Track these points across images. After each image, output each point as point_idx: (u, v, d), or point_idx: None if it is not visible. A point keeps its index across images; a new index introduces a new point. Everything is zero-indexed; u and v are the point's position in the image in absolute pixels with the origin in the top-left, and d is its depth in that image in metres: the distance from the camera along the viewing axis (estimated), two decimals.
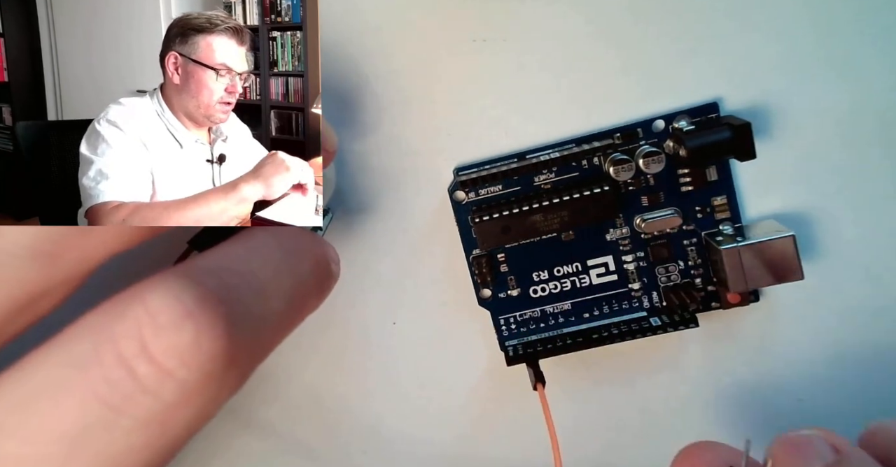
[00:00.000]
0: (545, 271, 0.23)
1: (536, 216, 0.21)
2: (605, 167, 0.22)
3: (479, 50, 0.22)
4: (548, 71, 0.22)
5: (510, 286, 0.23)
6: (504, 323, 0.23)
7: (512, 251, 0.23)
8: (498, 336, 0.23)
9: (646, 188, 0.22)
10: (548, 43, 0.22)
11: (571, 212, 0.21)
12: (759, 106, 0.22)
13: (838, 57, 0.22)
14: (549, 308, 0.23)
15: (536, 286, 0.23)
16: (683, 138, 0.21)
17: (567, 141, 0.22)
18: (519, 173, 0.22)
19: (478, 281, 0.23)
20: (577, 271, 0.23)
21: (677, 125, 0.22)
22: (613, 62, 0.22)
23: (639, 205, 0.22)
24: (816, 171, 0.23)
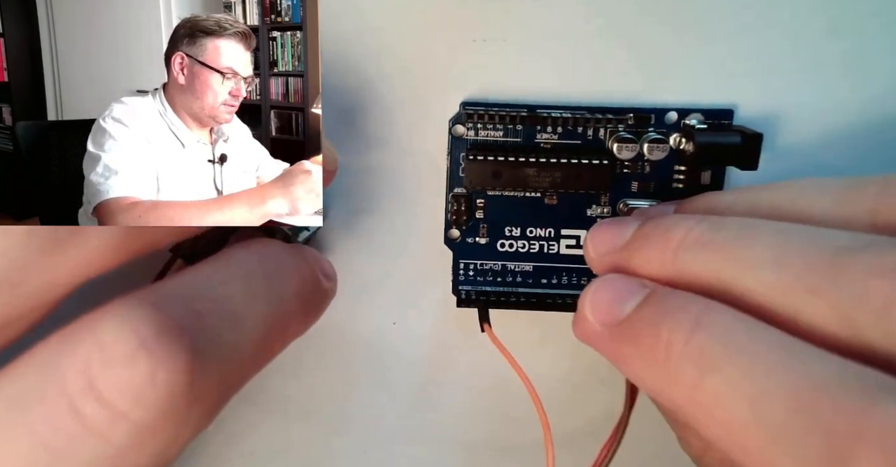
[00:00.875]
0: (518, 228, 0.23)
1: (530, 170, 0.21)
2: (608, 143, 0.22)
3: (478, 50, 0.22)
4: (548, 71, 0.22)
5: (480, 234, 0.23)
6: (464, 267, 0.23)
7: (493, 199, 0.22)
8: (454, 278, 0.23)
9: (640, 174, 0.22)
10: (548, 42, 0.22)
11: (565, 175, 0.21)
12: (772, 119, 0.23)
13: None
14: (511, 265, 0.23)
15: (506, 240, 0.23)
16: (694, 133, 0.21)
17: (581, 106, 0.22)
18: (524, 123, 0.22)
19: (451, 218, 0.22)
20: (549, 237, 0.23)
21: (689, 122, 0.22)
22: (616, 62, 0.22)
23: (628, 189, 0.22)
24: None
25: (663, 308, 0.16)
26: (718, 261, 0.16)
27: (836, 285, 0.14)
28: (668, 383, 0.15)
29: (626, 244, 0.19)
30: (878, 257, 0.14)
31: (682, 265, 0.17)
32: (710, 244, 0.16)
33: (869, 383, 0.13)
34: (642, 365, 0.16)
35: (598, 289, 0.18)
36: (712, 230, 0.17)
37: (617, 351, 0.17)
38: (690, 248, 0.17)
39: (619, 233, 0.19)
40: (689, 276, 0.17)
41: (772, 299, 0.15)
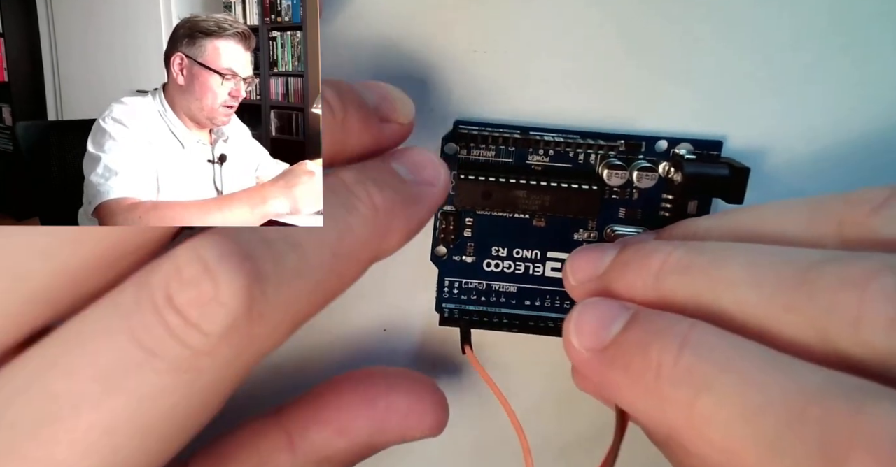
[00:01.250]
0: (505, 249, 0.23)
1: (520, 192, 0.21)
2: (598, 168, 0.22)
3: (480, 61, 0.22)
4: (549, 84, 0.22)
5: (467, 252, 0.23)
6: (448, 285, 0.23)
7: (482, 219, 0.23)
8: (437, 295, 0.23)
9: (628, 201, 0.22)
10: (550, 56, 0.22)
11: (554, 199, 0.21)
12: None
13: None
14: (496, 285, 0.23)
15: (492, 260, 0.23)
16: (683, 164, 0.21)
17: (573, 130, 0.22)
18: (517, 145, 0.22)
19: (439, 236, 0.23)
20: (535, 259, 0.23)
21: (678, 151, 0.22)
22: (612, 87, 0.22)
23: (616, 215, 0.23)
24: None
25: (650, 328, 0.16)
26: (698, 284, 0.16)
27: (809, 299, 0.15)
28: (662, 406, 0.15)
29: (605, 271, 0.19)
30: (845, 268, 0.14)
31: (664, 289, 0.17)
32: (690, 267, 0.17)
33: (853, 389, 0.13)
34: (633, 390, 0.16)
35: (582, 313, 0.18)
36: (691, 254, 0.17)
37: (607, 378, 0.17)
38: (671, 272, 0.17)
39: (597, 259, 0.19)
40: (671, 299, 0.17)
41: (751, 317, 0.15)
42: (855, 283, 0.14)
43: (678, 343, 0.15)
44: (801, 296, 0.15)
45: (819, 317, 0.14)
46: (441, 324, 0.23)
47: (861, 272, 0.14)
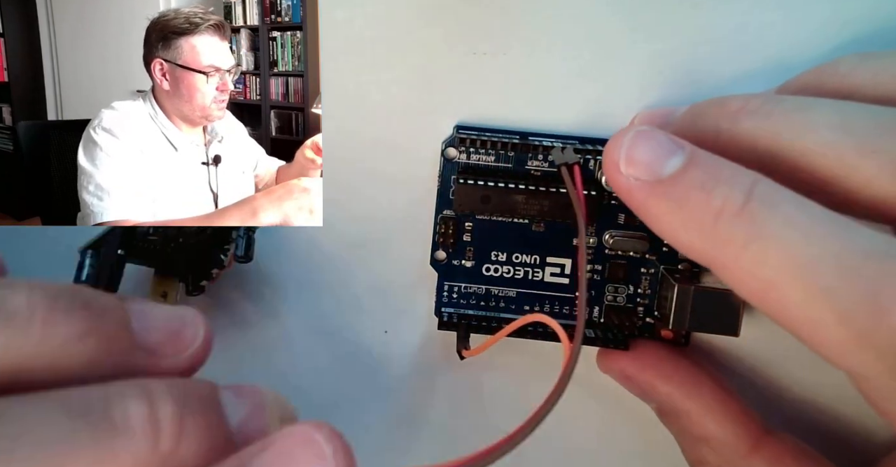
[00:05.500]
0: (504, 254, 0.23)
1: (519, 197, 0.21)
2: (597, 173, 0.22)
3: (479, 63, 0.22)
4: (548, 85, 0.22)
5: (466, 256, 0.23)
6: (447, 289, 0.23)
7: (481, 223, 0.23)
8: (437, 300, 0.23)
9: (627, 206, 0.23)
10: (548, 58, 0.22)
11: (553, 204, 0.21)
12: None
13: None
14: (494, 289, 0.23)
15: (491, 265, 0.23)
16: None
17: (573, 136, 0.22)
18: (516, 151, 0.22)
19: (438, 240, 0.23)
20: (535, 264, 0.23)
21: None
22: (615, 79, 0.22)
23: (614, 221, 0.22)
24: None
25: (714, 174, 0.16)
26: (780, 125, 0.17)
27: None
28: (711, 244, 0.16)
29: (677, 121, 0.19)
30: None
31: (740, 130, 0.17)
32: (772, 112, 0.17)
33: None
34: (681, 224, 0.16)
35: (636, 141, 0.17)
36: (772, 103, 0.17)
37: (651, 206, 0.17)
38: (752, 114, 0.17)
39: (666, 113, 0.19)
40: (746, 143, 0.17)
41: (828, 160, 0.16)
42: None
43: (745, 191, 0.15)
44: (890, 141, 0.15)
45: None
46: (440, 328, 0.23)
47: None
